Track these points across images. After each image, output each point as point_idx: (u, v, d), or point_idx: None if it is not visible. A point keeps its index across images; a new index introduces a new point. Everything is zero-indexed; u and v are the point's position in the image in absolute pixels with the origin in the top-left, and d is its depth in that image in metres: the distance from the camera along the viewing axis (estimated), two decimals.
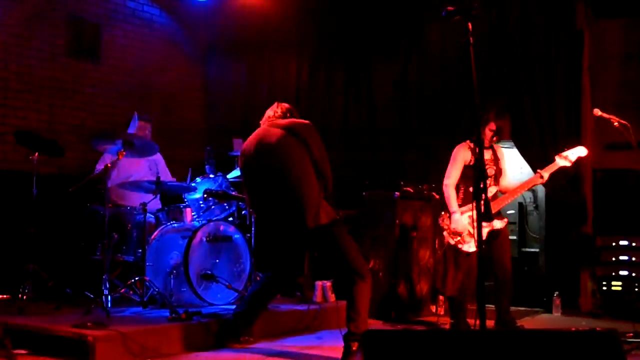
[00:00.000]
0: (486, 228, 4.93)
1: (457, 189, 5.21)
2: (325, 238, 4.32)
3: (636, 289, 6.17)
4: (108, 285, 4.78)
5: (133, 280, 5.11)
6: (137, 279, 5.08)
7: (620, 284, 6.23)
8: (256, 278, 5.46)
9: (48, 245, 5.68)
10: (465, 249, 5.07)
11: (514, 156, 6.67)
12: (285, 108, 4.62)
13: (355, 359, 4.10)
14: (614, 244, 6.33)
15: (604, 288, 6.31)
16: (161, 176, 5.49)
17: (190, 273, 5.16)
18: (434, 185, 6.15)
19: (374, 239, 6.16)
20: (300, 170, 4.32)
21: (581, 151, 5.15)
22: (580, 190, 6.51)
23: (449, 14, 3.21)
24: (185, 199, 5.85)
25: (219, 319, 4.81)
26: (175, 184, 5.72)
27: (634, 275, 6.20)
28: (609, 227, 6.47)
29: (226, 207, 5.79)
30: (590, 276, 6.48)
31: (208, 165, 5.85)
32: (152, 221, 5.58)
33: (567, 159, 5.11)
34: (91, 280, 5.19)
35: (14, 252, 5.52)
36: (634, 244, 6.26)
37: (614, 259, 6.30)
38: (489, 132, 5.17)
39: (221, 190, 5.62)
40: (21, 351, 4.18)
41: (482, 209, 3.11)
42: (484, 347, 2.31)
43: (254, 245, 5.53)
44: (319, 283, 5.88)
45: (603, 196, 6.61)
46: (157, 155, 6.07)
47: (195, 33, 8.19)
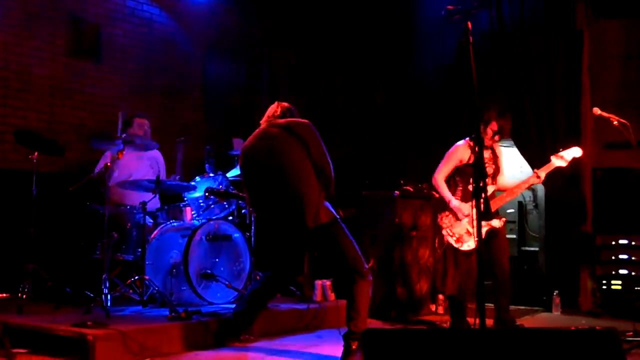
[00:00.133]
0: (485, 227, 4.93)
1: (456, 187, 5.21)
2: (325, 238, 4.32)
3: (636, 288, 6.17)
4: (108, 284, 4.77)
5: (133, 279, 5.10)
6: (137, 278, 5.08)
7: (620, 282, 6.23)
8: (256, 277, 5.47)
9: (48, 244, 5.68)
10: (464, 248, 5.07)
11: (514, 155, 6.67)
12: (285, 107, 4.61)
13: (355, 358, 4.10)
14: (613, 242, 6.32)
15: (604, 287, 6.30)
16: (161, 175, 5.49)
17: (190, 272, 5.17)
18: None
19: (373, 238, 6.15)
20: (299, 169, 4.32)
21: (576, 152, 5.16)
22: (580, 189, 6.51)
23: (449, 13, 3.21)
24: (185, 198, 5.86)
25: (218, 317, 4.82)
26: (174, 183, 5.72)
27: (633, 274, 6.20)
28: (608, 226, 6.46)
29: (226, 206, 5.79)
30: (590, 275, 6.47)
31: (208, 165, 5.86)
32: (149, 225, 5.57)
33: (563, 159, 5.12)
34: (91, 279, 5.19)
35: (14, 252, 5.52)
36: (634, 243, 6.25)
37: (614, 257, 6.29)
38: (491, 132, 5.16)
39: (222, 188, 5.63)
40: (21, 350, 4.18)
41: (482, 207, 3.11)
42: (484, 346, 2.31)
43: (254, 244, 5.53)
44: (319, 282, 5.89)
45: (603, 195, 6.60)
46: (157, 153, 6.09)
47: (194, 32, 8.19)
